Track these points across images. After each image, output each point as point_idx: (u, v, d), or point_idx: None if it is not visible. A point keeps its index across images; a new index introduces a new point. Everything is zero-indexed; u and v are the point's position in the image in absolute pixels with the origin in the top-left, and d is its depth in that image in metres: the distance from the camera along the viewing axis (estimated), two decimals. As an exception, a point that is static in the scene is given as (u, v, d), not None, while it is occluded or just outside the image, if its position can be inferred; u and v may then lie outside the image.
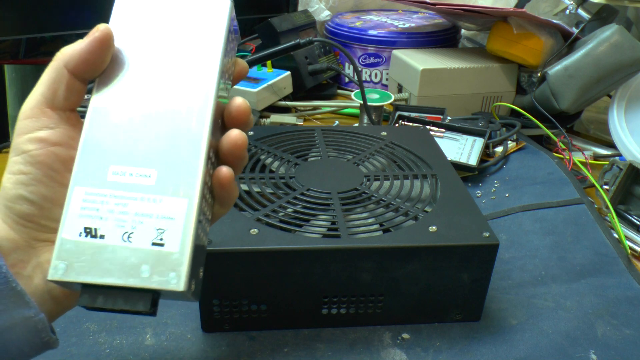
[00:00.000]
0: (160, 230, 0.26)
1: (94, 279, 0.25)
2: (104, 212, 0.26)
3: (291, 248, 0.39)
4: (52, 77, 0.27)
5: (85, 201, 0.26)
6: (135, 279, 0.25)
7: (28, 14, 0.75)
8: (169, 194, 0.26)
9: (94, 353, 0.39)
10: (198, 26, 0.29)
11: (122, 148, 0.27)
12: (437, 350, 0.41)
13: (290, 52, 0.78)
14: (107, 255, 0.25)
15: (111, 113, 0.27)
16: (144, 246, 0.25)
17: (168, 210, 0.26)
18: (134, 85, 0.28)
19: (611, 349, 0.42)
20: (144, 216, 0.26)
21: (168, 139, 0.27)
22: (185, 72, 0.28)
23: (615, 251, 0.53)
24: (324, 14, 1.07)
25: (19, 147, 0.27)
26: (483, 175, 0.68)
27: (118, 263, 0.25)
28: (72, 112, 0.28)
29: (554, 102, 0.74)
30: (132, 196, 0.26)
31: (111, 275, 0.25)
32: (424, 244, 0.40)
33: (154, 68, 0.28)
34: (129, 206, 0.26)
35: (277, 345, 0.41)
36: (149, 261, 0.25)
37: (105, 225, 0.25)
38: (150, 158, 0.27)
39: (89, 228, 0.25)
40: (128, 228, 0.25)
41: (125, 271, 0.25)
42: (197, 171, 0.26)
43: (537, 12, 0.94)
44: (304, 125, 0.79)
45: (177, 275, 0.25)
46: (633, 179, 0.60)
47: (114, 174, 0.26)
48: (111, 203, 0.26)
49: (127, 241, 0.25)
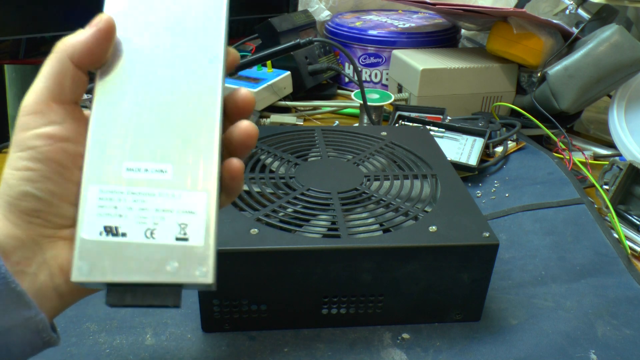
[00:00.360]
0: (182, 224, 0.26)
1: (121, 277, 0.24)
2: (123, 209, 0.25)
3: (291, 248, 0.39)
4: (56, 69, 0.26)
5: (102, 199, 0.25)
6: (164, 275, 0.25)
7: (28, 14, 0.75)
8: (188, 189, 0.26)
9: (94, 353, 0.39)
10: (196, 11, 0.28)
11: (134, 143, 0.26)
12: (437, 350, 0.41)
13: (290, 52, 0.78)
14: (131, 252, 0.25)
15: (118, 106, 0.27)
16: (168, 242, 0.25)
17: (188, 204, 0.26)
18: (137, 76, 0.27)
19: (611, 349, 0.42)
20: (164, 212, 0.26)
21: (180, 131, 0.27)
22: (188, 59, 0.27)
23: (615, 251, 0.53)
24: (324, 14, 1.07)
25: (24, 143, 0.26)
26: (483, 175, 0.68)
27: (143, 260, 0.25)
28: (76, 105, 0.27)
29: (554, 102, 0.74)
30: (150, 192, 0.26)
31: (138, 272, 0.25)
32: (424, 244, 0.40)
33: (155, 57, 0.27)
34: (148, 202, 0.26)
35: (277, 345, 0.41)
36: (175, 256, 0.25)
37: (126, 222, 0.25)
38: (164, 152, 0.26)
39: (109, 226, 0.25)
40: (150, 224, 0.25)
41: (152, 268, 0.25)
42: (213, 163, 0.26)
43: (537, 12, 0.94)
44: (304, 125, 0.79)
45: (205, 269, 0.25)
46: (633, 179, 0.60)
47: (128, 170, 0.26)
48: (129, 200, 0.25)
49: (150, 237, 0.25)
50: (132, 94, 0.27)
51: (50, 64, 0.26)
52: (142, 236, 0.25)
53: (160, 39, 0.27)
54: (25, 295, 0.25)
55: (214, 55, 0.28)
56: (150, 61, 0.27)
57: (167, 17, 0.28)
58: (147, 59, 0.27)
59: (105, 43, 0.26)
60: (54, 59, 0.26)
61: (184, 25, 0.28)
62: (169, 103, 0.27)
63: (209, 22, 0.28)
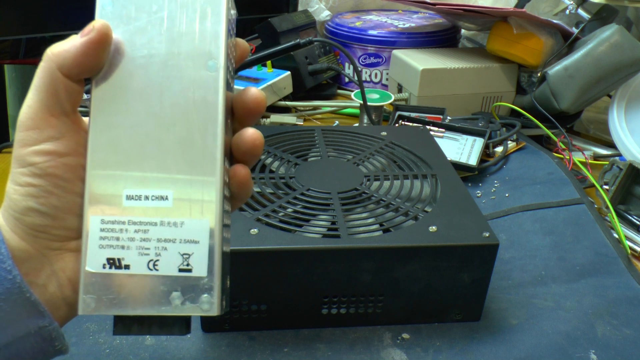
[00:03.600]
0: (185, 255, 0.25)
1: (126, 311, 0.24)
2: (125, 240, 0.25)
3: (291, 248, 0.39)
4: (47, 81, 0.25)
5: (104, 230, 0.25)
6: (167, 307, 0.24)
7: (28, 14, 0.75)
8: (189, 216, 0.25)
9: (94, 353, 0.39)
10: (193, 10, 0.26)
11: (133, 168, 0.25)
12: (437, 350, 0.41)
13: (290, 52, 0.78)
14: (135, 285, 0.24)
15: (115, 126, 0.25)
16: (171, 273, 0.25)
17: (190, 233, 0.25)
18: (133, 90, 0.25)
19: (611, 349, 0.42)
20: (166, 242, 0.25)
21: (179, 151, 0.25)
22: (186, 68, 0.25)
23: (615, 251, 0.53)
24: (324, 14, 1.07)
25: (24, 160, 0.25)
26: (483, 175, 0.68)
27: (148, 292, 0.24)
28: (74, 114, 0.26)
29: (554, 102, 0.74)
30: (152, 221, 0.25)
31: (143, 305, 0.24)
32: (424, 244, 0.40)
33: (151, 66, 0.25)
34: (150, 232, 0.25)
35: (277, 345, 0.41)
36: (179, 288, 0.25)
37: (129, 254, 0.25)
38: (164, 177, 0.25)
39: (112, 259, 0.25)
40: (152, 256, 0.25)
41: (156, 300, 0.24)
42: (215, 188, 0.25)
43: (537, 12, 0.94)
44: (304, 125, 0.79)
45: (209, 299, 0.25)
46: (633, 179, 0.60)
47: (128, 198, 0.25)
48: (131, 230, 0.25)
49: (153, 269, 0.25)
50: (130, 111, 0.25)
51: (40, 76, 0.25)
52: (145, 268, 0.25)
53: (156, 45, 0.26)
54: (39, 304, 0.25)
55: (213, 63, 0.26)
56: (146, 71, 0.25)
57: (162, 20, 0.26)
58: (143, 69, 0.25)
59: (96, 54, 0.25)
60: (43, 70, 0.25)
61: (180, 29, 0.26)
62: (168, 120, 0.25)
63: (207, 22, 0.26)
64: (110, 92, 0.25)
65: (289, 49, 0.75)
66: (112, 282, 0.24)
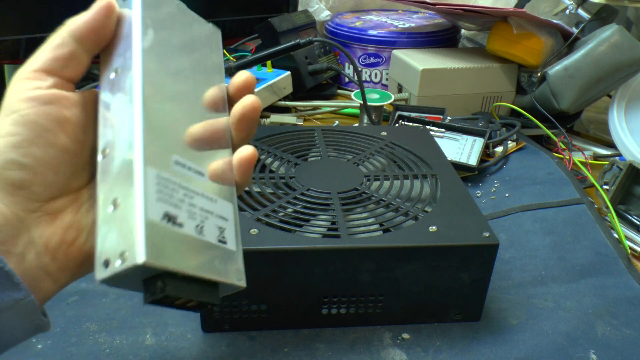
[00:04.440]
0: (221, 228, 0.27)
1: (181, 267, 0.23)
2: (177, 200, 0.25)
3: (291, 248, 0.39)
4: (53, 44, 0.26)
5: (159, 185, 0.24)
6: (213, 272, 0.25)
7: (28, 14, 0.75)
8: (221, 196, 0.27)
9: (94, 353, 0.39)
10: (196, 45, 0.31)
11: (178, 137, 0.27)
12: (437, 350, 0.41)
13: (290, 52, 0.78)
14: (187, 245, 0.24)
15: (160, 93, 0.27)
16: (213, 241, 0.26)
17: (222, 211, 0.27)
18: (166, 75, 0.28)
19: (611, 349, 0.42)
20: (207, 212, 0.26)
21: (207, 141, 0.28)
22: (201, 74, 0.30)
23: (615, 251, 0.53)
24: (324, 14, 1.07)
25: (8, 108, 0.25)
26: (483, 175, 0.68)
27: (196, 254, 0.25)
28: (68, 83, 0.27)
29: (554, 102, 0.74)
30: (196, 190, 0.26)
31: (194, 266, 0.24)
32: (424, 244, 0.40)
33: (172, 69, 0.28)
34: (194, 199, 0.26)
35: (277, 345, 0.41)
36: (218, 256, 0.26)
37: (181, 214, 0.25)
38: (200, 156, 0.27)
39: (169, 213, 0.24)
40: (199, 221, 0.25)
41: (202, 263, 0.25)
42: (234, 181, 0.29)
43: (537, 12, 0.94)
44: (304, 125, 0.79)
45: (240, 272, 0.27)
46: (633, 179, 0.60)
47: (175, 163, 0.26)
48: (180, 192, 0.25)
49: (200, 234, 0.25)
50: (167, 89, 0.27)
51: (50, 40, 0.27)
52: (194, 230, 0.25)
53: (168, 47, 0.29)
54: (14, 275, 0.24)
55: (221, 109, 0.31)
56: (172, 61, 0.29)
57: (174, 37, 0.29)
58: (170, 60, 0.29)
59: (105, 20, 0.27)
60: (54, 36, 0.27)
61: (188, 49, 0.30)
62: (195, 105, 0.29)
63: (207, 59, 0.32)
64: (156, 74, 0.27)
65: (289, 49, 0.75)
66: (170, 236, 0.24)
